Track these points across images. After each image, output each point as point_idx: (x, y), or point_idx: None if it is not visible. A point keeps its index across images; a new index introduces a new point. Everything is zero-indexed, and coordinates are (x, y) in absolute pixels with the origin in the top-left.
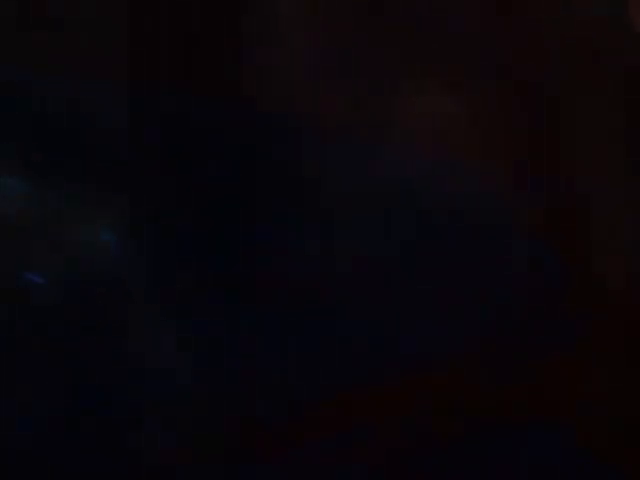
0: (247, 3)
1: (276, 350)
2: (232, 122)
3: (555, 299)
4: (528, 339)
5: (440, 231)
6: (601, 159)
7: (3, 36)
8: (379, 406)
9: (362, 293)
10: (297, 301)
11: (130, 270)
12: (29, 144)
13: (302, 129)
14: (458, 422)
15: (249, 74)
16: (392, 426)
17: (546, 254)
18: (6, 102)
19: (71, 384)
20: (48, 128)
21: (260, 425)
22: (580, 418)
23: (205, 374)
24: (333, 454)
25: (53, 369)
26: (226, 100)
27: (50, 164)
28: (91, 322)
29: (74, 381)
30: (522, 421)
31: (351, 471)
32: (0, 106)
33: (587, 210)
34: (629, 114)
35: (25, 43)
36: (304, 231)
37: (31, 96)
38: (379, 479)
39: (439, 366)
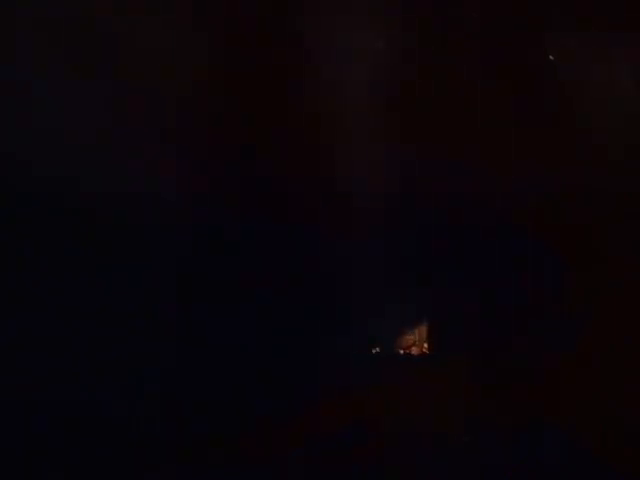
0: None
1: None
2: None
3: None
4: (527, 339)
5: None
6: None
7: None
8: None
9: None
10: None
11: None
12: None
13: None
14: (458, 423)
15: None
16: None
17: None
18: None
19: None
20: None
21: None
22: (580, 418)
23: None
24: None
25: None
26: None
27: None
28: None
29: None
30: (522, 421)
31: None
32: None
33: None
34: None
35: None
36: None
37: None
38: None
39: (439, 364)
